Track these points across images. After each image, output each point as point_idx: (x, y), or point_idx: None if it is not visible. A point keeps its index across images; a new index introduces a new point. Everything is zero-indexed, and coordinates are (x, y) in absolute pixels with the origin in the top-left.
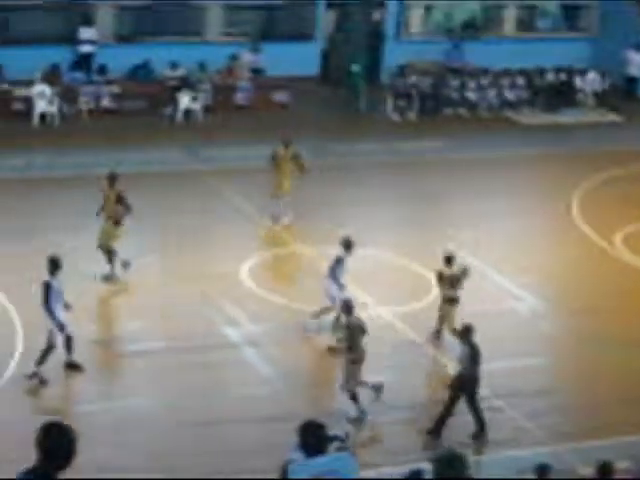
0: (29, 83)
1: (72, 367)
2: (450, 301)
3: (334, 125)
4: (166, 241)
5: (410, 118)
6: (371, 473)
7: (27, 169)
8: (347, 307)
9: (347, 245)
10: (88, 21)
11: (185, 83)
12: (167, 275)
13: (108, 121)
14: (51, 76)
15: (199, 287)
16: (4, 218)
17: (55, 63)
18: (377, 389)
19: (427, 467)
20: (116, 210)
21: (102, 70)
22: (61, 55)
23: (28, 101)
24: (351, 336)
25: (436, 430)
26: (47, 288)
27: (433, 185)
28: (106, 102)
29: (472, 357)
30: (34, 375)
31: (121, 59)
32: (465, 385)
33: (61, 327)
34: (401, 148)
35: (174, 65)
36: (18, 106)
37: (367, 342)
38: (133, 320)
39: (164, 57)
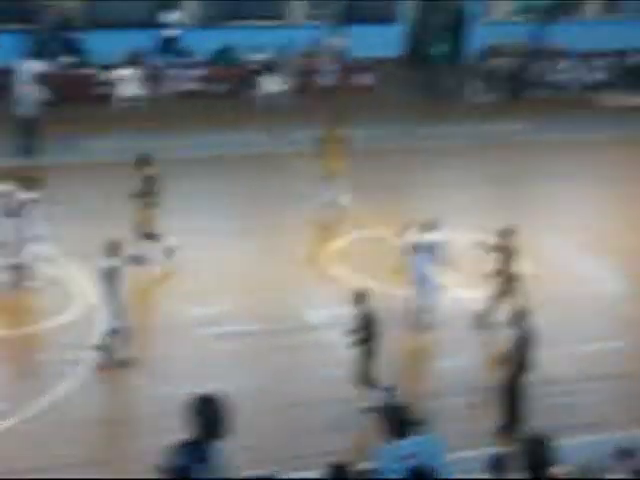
0: (114, 67)
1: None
2: (507, 279)
3: (418, 107)
4: (252, 223)
5: (493, 100)
6: (451, 456)
7: (114, 153)
8: (359, 296)
9: (429, 228)
10: (173, 5)
11: (269, 66)
12: (253, 256)
13: (192, 104)
14: (135, 60)
15: (284, 269)
16: (89, 200)
17: (139, 47)
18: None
19: (507, 451)
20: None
21: (186, 53)
22: (146, 39)
23: (112, 85)
24: (366, 326)
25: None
26: (110, 272)
27: (517, 167)
28: (190, 85)
29: (522, 343)
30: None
31: (205, 42)
32: (511, 371)
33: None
34: (484, 130)
35: (258, 48)
36: (103, 90)
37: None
38: (221, 301)
39: (248, 40)
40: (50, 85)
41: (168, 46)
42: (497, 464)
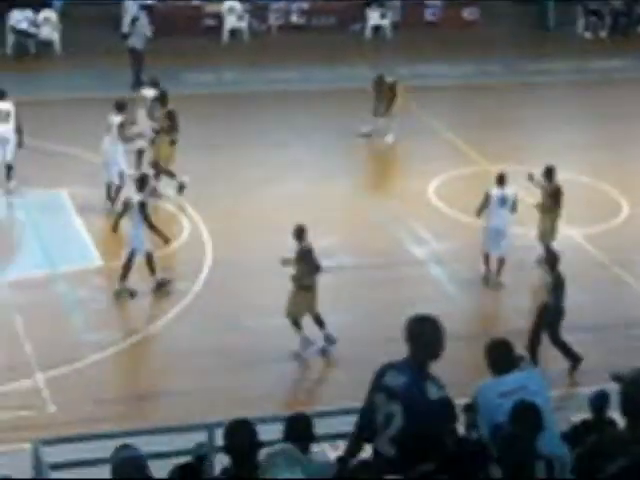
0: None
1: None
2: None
3: (523, 43)
4: (356, 158)
5: (601, 36)
6: (558, 392)
7: (217, 85)
8: (299, 232)
9: (502, 180)
10: None
11: (375, 0)
12: (357, 191)
13: (297, 37)
14: None
15: (387, 204)
16: (194, 132)
17: None
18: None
19: (612, 387)
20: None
21: None
22: None
23: (219, 17)
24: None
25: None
26: (143, 206)
27: (622, 105)
28: (295, 18)
29: (555, 287)
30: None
31: None
32: (547, 316)
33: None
34: (591, 67)
35: None
36: (209, 22)
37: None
38: (325, 235)
39: None
40: (157, 17)
41: None
42: (600, 402)
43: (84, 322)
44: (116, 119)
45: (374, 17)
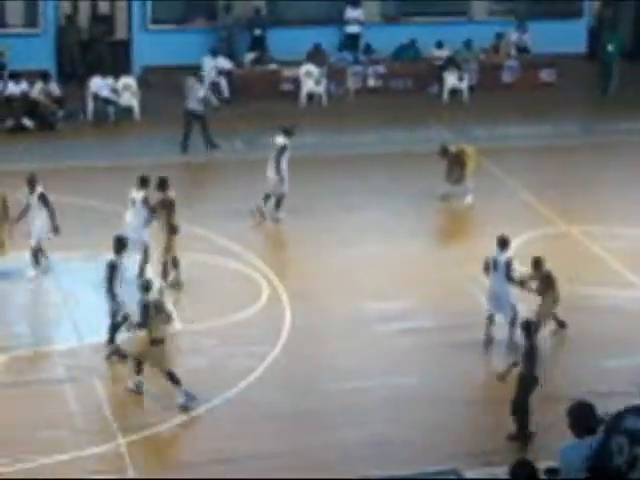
0: (297, 63)
1: (119, 355)
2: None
3: (602, 104)
4: (434, 220)
5: None
6: None
7: (297, 148)
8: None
9: (502, 244)
10: (355, 1)
11: (451, 62)
12: (434, 253)
13: (374, 101)
14: (317, 56)
15: (465, 265)
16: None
17: (318, 43)
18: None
19: None
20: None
21: (368, 50)
22: (328, 35)
23: (296, 81)
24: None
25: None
26: (112, 268)
27: None
28: (372, 82)
29: (529, 355)
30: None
31: (387, 39)
32: (522, 383)
33: (116, 311)
34: None
35: (440, 44)
36: (286, 86)
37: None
38: (403, 298)
39: (430, 36)
40: (235, 82)
41: (351, 42)
42: None
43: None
44: (139, 194)
45: (451, 80)
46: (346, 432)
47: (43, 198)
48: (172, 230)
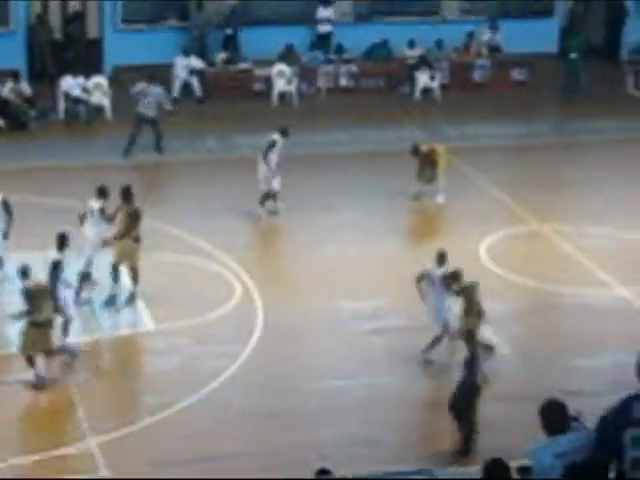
0: (269, 63)
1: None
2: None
3: (572, 103)
4: (406, 219)
5: None
6: None
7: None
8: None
9: (440, 259)
10: (327, 1)
11: (423, 61)
12: (407, 252)
13: (346, 100)
14: (288, 56)
15: None
16: (242, 196)
17: (290, 43)
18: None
19: None
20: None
21: (340, 49)
22: (299, 35)
23: (268, 81)
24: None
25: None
26: (56, 266)
27: None
28: (344, 81)
29: (469, 364)
30: None
31: (359, 38)
32: (463, 391)
33: (63, 308)
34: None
35: (412, 44)
36: (258, 86)
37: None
38: (375, 297)
39: (402, 36)
40: (207, 81)
41: (322, 42)
42: None
43: (137, 385)
44: (96, 204)
45: (423, 79)
46: (321, 432)
47: (6, 205)
48: (136, 240)
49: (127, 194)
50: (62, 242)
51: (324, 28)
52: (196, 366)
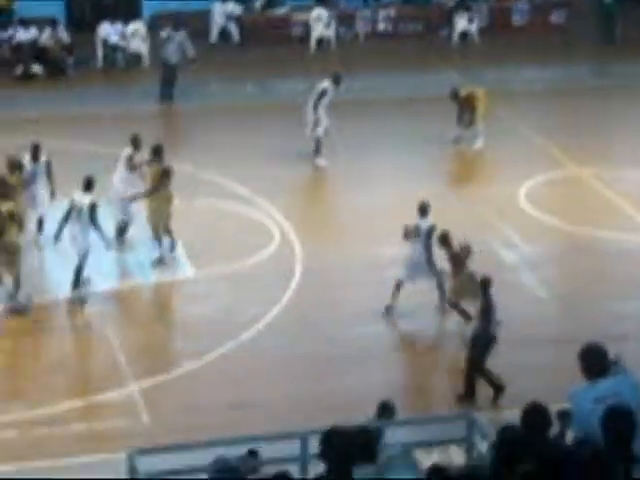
0: (307, 8)
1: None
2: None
3: (610, 47)
4: (445, 164)
5: None
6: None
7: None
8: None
9: (422, 211)
10: None
11: (461, 5)
12: (446, 197)
13: (384, 45)
14: (327, 1)
15: (477, 209)
16: (280, 142)
17: None
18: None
19: None
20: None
21: None
22: None
23: (306, 26)
24: None
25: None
26: (93, 209)
27: None
28: (382, 26)
29: (484, 312)
30: None
31: None
32: (476, 342)
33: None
34: None
35: None
36: (296, 31)
37: None
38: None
39: None
40: (245, 27)
41: None
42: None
43: (177, 332)
44: (124, 153)
45: (461, 22)
46: (359, 378)
47: (48, 166)
48: (168, 199)
49: (158, 151)
50: (89, 185)
51: None
52: (235, 312)
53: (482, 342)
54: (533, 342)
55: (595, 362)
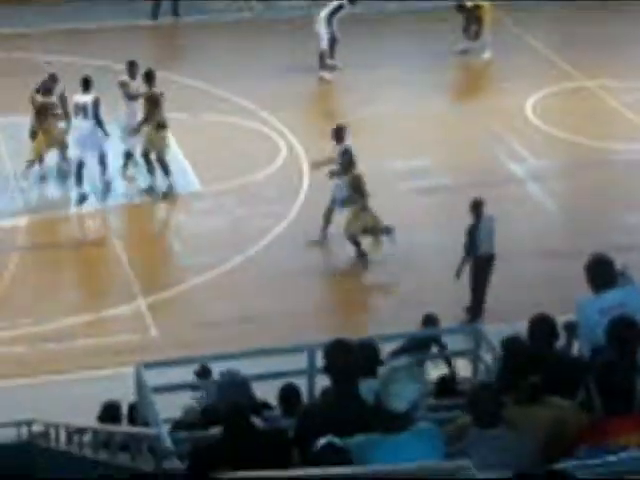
0: None
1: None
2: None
3: None
4: (452, 76)
5: None
6: None
7: (309, 8)
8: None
9: (85, 85)
10: None
11: None
12: (453, 109)
13: None
14: None
15: (484, 121)
16: (288, 56)
17: None
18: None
19: None
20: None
21: None
22: None
23: None
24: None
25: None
26: (96, 104)
27: None
28: None
29: (471, 232)
30: None
31: None
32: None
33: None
34: None
35: None
36: None
37: None
38: (421, 155)
39: None
40: None
41: None
42: None
43: (184, 247)
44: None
45: None
46: (367, 291)
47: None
48: (160, 126)
49: (149, 77)
50: (87, 85)
51: None
52: (242, 226)
53: (476, 264)
54: (539, 254)
55: (601, 273)
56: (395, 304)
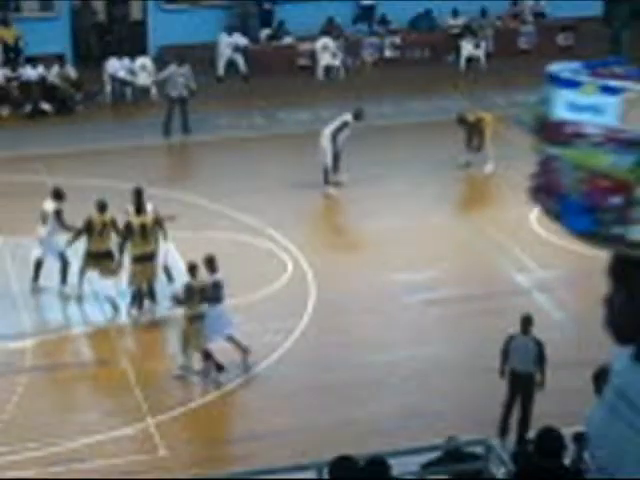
0: (312, 38)
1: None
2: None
3: None
4: (454, 189)
5: None
6: None
7: (315, 122)
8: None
9: (55, 195)
10: None
11: (467, 30)
12: (456, 222)
13: (391, 71)
14: (331, 29)
15: (488, 233)
16: (291, 171)
17: (331, 16)
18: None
19: None
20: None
21: (384, 21)
22: (341, 8)
23: (312, 55)
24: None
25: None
26: (58, 214)
27: None
28: (388, 53)
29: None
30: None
31: (402, 9)
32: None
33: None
34: None
35: (456, 13)
36: (303, 61)
37: None
38: (427, 268)
39: (445, 6)
40: (251, 58)
41: (366, 14)
42: None
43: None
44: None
45: (467, 48)
46: (376, 405)
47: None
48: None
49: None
50: (55, 195)
51: (367, 2)
52: (250, 343)
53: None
54: (548, 365)
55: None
56: (408, 419)
